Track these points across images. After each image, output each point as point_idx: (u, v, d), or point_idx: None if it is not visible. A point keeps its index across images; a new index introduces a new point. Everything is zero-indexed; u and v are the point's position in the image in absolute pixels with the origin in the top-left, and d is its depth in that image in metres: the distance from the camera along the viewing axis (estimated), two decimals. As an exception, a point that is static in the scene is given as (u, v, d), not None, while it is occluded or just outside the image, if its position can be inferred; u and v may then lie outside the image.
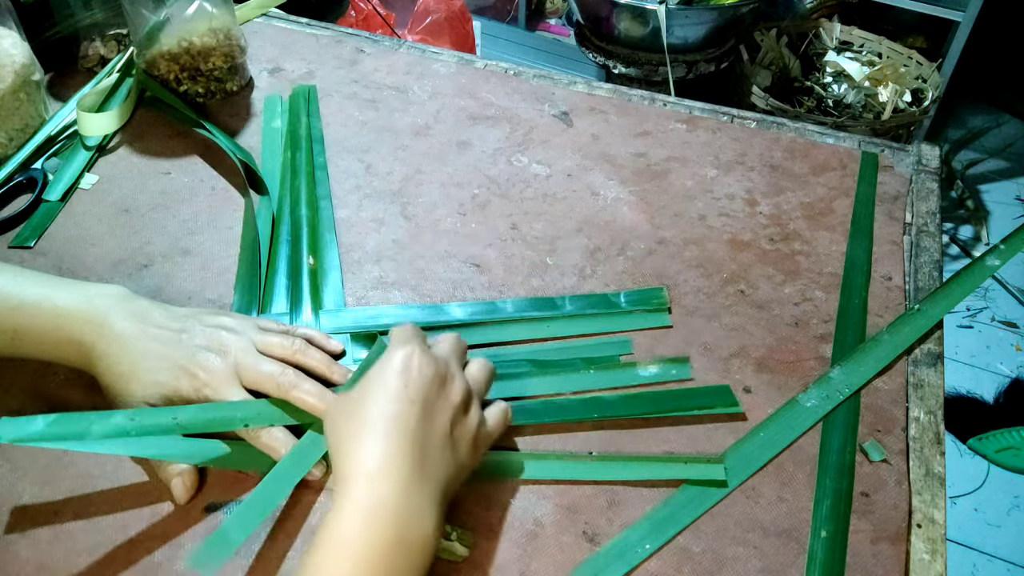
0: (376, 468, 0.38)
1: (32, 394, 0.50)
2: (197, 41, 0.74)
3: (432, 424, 0.40)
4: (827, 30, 1.87)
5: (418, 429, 0.39)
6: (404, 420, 0.39)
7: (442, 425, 0.41)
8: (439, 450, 0.40)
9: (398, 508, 0.37)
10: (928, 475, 0.48)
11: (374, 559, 0.35)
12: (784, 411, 0.50)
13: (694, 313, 0.57)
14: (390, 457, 0.38)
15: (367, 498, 0.37)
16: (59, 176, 0.67)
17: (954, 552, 1.30)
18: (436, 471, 0.39)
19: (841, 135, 0.75)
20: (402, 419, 0.39)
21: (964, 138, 2.16)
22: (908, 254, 0.63)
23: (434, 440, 0.40)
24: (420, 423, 0.40)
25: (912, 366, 0.54)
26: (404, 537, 0.36)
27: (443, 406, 0.41)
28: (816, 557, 0.43)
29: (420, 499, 0.38)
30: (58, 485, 0.45)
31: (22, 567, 0.42)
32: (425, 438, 0.40)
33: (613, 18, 1.67)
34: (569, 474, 0.46)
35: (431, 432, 0.40)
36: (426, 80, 0.80)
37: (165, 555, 0.42)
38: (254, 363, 0.46)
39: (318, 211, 0.64)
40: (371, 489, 0.37)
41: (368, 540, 0.35)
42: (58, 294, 0.47)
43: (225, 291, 0.57)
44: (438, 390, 0.42)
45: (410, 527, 0.37)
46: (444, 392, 0.42)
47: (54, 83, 0.78)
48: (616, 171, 0.69)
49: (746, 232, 0.64)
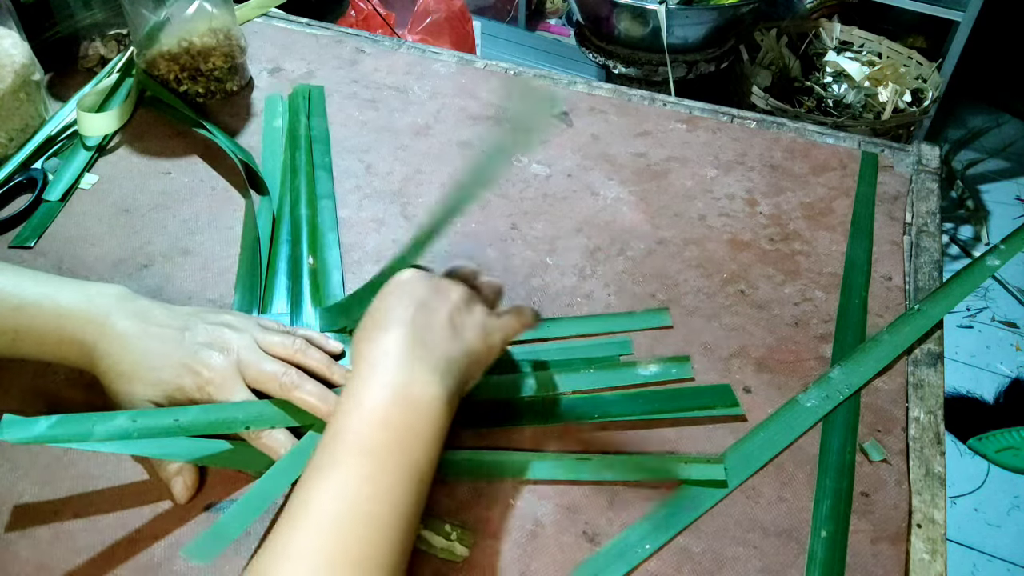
0: (382, 349, 0.42)
1: (32, 394, 0.50)
2: (197, 41, 0.74)
3: (430, 316, 0.44)
4: (827, 30, 1.87)
5: (416, 318, 0.44)
6: (403, 314, 0.44)
7: (441, 316, 0.44)
8: (439, 331, 0.44)
9: (402, 375, 0.41)
10: (928, 475, 0.48)
11: (387, 418, 0.39)
12: (784, 411, 0.50)
13: (694, 313, 0.57)
14: (392, 339, 0.42)
15: (376, 370, 0.41)
16: (59, 176, 0.67)
17: (954, 552, 1.30)
18: (437, 347, 0.43)
19: (841, 135, 0.75)
20: (401, 313, 0.44)
21: (964, 138, 2.16)
22: (908, 254, 0.63)
23: (433, 324, 0.44)
24: (417, 314, 0.44)
25: (912, 366, 0.54)
26: (410, 395, 0.40)
27: (439, 303, 0.45)
28: (816, 557, 0.43)
29: (423, 369, 0.41)
30: (58, 485, 0.45)
31: (22, 567, 0.42)
32: (425, 324, 0.43)
33: (613, 18, 1.67)
34: (569, 474, 0.46)
35: (429, 321, 0.44)
36: (426, 80, 0.80)
37: (165, 554, 0.42)
38: (257, 361, 0.47)
39: (318, 211, 0.64)
40: (380, 365, 0.41)
41: (379, 404, 0.40)
42: (59, 294, 0.47)
43: (225, 291, 0.57)
44: (433, 294, 0.45)
45: (414, 389, 0.41)
46: (440, 295, 0.46)
47: (54, 83, 0.78)
48: (616, 171, 0.70)
49: (746, 232, 0.64)
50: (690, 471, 0.46)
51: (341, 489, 0.37)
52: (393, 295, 0.45)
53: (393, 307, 0.44)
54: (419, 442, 0.40)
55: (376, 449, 0.38)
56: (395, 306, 0.44)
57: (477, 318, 0.46)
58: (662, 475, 0.46)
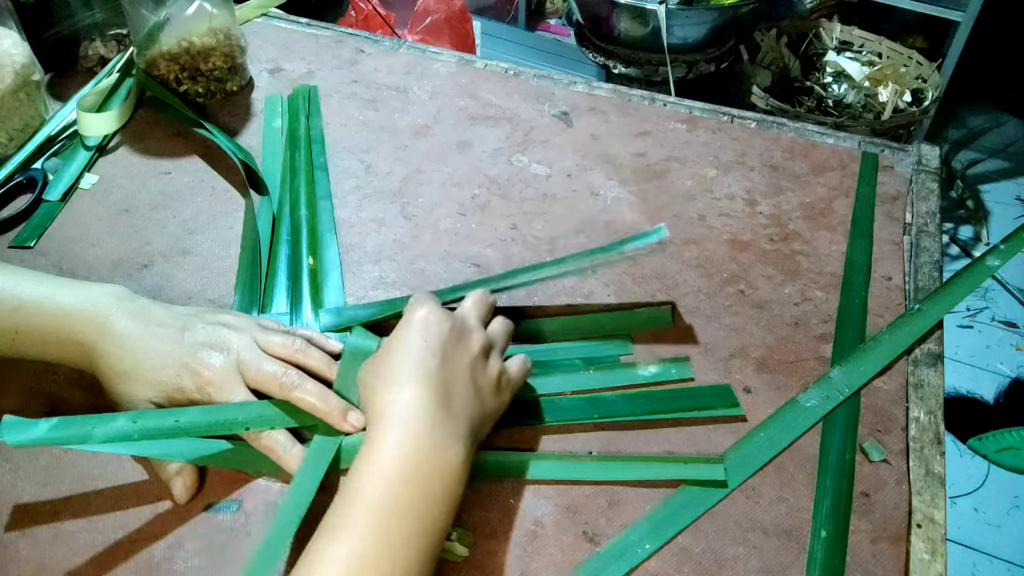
0: (406, 407, 0.41)
1: (32, 394, 0.50)
2: (197, 41, 0.74)
3: (453, 370, 0.44)
4: (827, 30, 1.87)
5: (440, 373, 0.43)
6: (427, 367, 0.43)
7: (462, 370, 0.44)
8: (462, 392, 0.43)
9: (427, 441, 0.40)
10: (928, 475, 0.48)
11: (408, 485, 0.39)
12: (784, 411, 0.50)
13: (694, 313, 0.57)
14: (417, 398, 0.41)
15: (400, 433, 0.40)
16: (59, 176, 0.67)
17: (954, 552, 1.30)
18: (460, 410, 0.43)
19: (841, 135, 0.75)
20: (425, 366, 0.43)
21: (964, 138, 2.16)
22: (908, 254, 0.63)
23: (456, 383, 0.43)
24: (441, 368, 0.43)
25: (912, 366, 0.54)
26: (434, 466, 0.40)
27: (462, 355, 0.45)
28: (816, 557, 0.43)
29: (445, 433, 0.41)
30: (58, 485, 0.45)
31: (22, 567, 0.42)
32: (448, 381, 0.43)
33: (613, 18, 1.67)
34: (569, 474, 0.46)
35: (453, 377, 0.43)
36: (426, 80, 0.80)
37: (165, 555, 0.42)
38: (256, 361, 0.46)
39: (318, 211, 0.64)
40: (403, 426, 0.40)
41: (401, 469, 0.39)
42: (59, 294, 0.47)
43: (225, 291, 0.57)
44: (456, 341, 0.45)
45: (437, 456, 0.40)
46: (462, 343, 0.45)
47: (54, 83, 0.78)
48: (616, 171, 0.69)
49: (746, 232, 0.64)
50: (690, 471, 0.46)
51: (354, 550, 0.36)
52: (412, 338, 0.44)
53: (412, 354, 0.43)
54: (437, 507, 0.39)
55: (392, 515, 0.38)
56: (415, 352, 0.43)
57: (493, 374, 0.46)
58: (662, 475, 0.46)
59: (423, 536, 0.38)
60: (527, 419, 0.49)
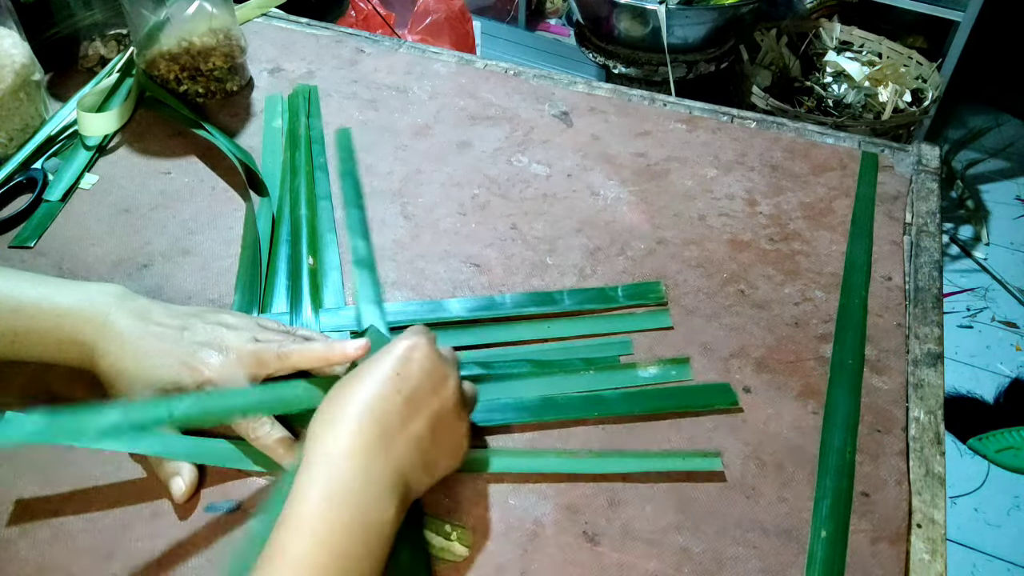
0: (340, 451, 0.38)
1: (32, 393, 0.50)
2: (197, 41, 0.74)
3: (412, 417, 0.40)
4: (827, 30, 1.87)
5: (393, 417, 0.39)
6: (381, 406, 0.39)
7: (423, 420, 0.41)
8: (411, 443, 0.40)
9: (357, 491, 0.37)
10: (928, 475, 0.48)
11: (332, 539, 0.36)
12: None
13: (694, 313, 0.57)
14: (356, 441, 0.38)
15: (328, 479, 0.37)
16: (59, 176, 0.67)
17: (954, 552, 1.30)
18: (401, 462, 0.39)
19: (841, 135, 0.75)
20: (379, 405, 0.39)
21: (964, 138, 2.16)
22: (908, 254, 0.63)
23: (409, 432, 0.40)
24: (398, 412, 0.40)
25: (912, 366, 0.54)
26: (363, 520, 0.37)
27: (431, 403, 0.41)
28: (816, 557, 0.43)
29: (380, 486, 0.38)
30: (58, 483, 0.45)
31: (22, 567, 0.42)
32: (399, 428, 0.40)
33: (613, 18, 1.67)
34: (566, 468, 0.46)
35: (408, 425, 0.40)
36: (426, 80, 0.80)
37: (165, 555, 0.42)
38: (254, 352, 0.47)
39: (318, 211, 0.64)
40: (332, 470, 0.37)
41: (327, 520, 0.36)
42: (58, 295, 0.47)
43: (225, 291, 0.57)
44: (432, 387, 0.41)
45: (369, 510, 0.37)
46: (438, 391, 0.42)
47: (54, 83, 0.78)
48: (616, 171, 0.69)
49: (746, 232, 0.64)
50: (687, 464, 0.47)
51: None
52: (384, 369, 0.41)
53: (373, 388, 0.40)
54: (361, 564, 0.36)
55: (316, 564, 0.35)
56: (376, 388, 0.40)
57: (459, 432, 0.43)
58: (659, 468, 0.47)
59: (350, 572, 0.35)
60: (527, 418, 0.49)
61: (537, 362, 0.53)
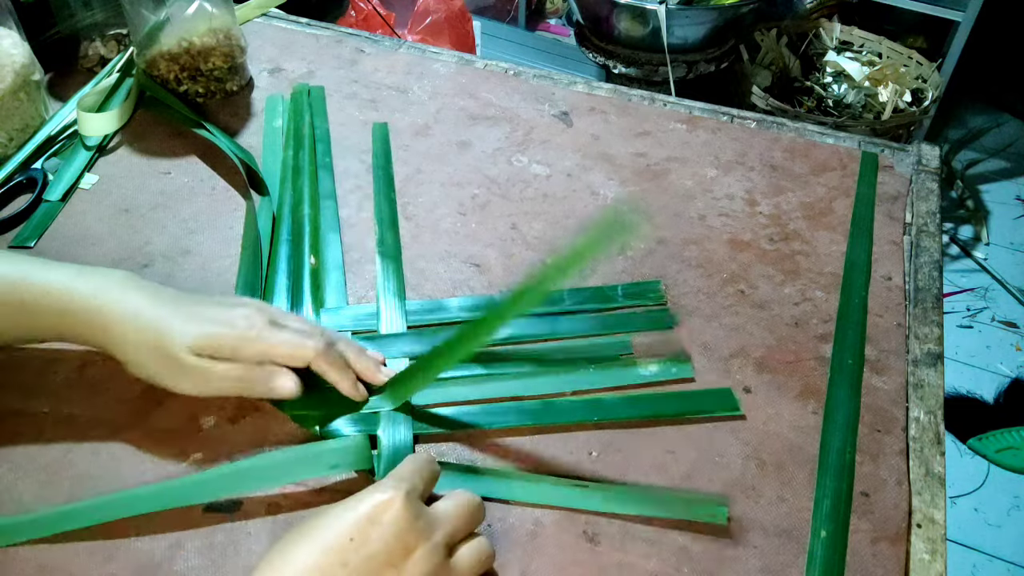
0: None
1: (32, 394, 0.50)
2: (197, 41, 0.74)
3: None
4: (827, 30, 1.87)
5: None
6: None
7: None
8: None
9: None
10: (928, 475, 0.48)
11: None
12: None
13: (694, 313, 0.57)
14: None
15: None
16: (59, 176, 0.67)
17: (954, 552, 1.30)
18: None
19: (841, 135, 0.75)
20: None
21: (964, 138, 2.16)
22: (908, 254, 0.63)
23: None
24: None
25: (912, 366, 0.54)
26: None
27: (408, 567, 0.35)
28: (816, 557, 0.43)
29: None
30: (58, 485, 0.45)
31: (22, 567, 0.42)
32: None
33: (613, 18, 1.67)
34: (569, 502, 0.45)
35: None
36: (426, 80, 0.80)
37: (165, 555, 0.42)
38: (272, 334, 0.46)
39: (321, 210, 0.64)
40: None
41: None
42: (65, 272, 0.47)
43: (226, 291, 0.57)
44: (396, 561, 0.35)
45: None
46: (399, 566, 0.35)
47: (54, 83, 0.78)
48: (616, 171, 0.69)
49: (746, 232, 0.64)
50: (691, 512, 0.45)
51: None
52: (356, 522, 0.35)
53: (326, 551, 0.34)
54: None
55: None
56: (330, 551, 0.34)
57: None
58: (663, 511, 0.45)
59: None
60: (527, 420, 0.49)
61: (537, 362, 0.53)
